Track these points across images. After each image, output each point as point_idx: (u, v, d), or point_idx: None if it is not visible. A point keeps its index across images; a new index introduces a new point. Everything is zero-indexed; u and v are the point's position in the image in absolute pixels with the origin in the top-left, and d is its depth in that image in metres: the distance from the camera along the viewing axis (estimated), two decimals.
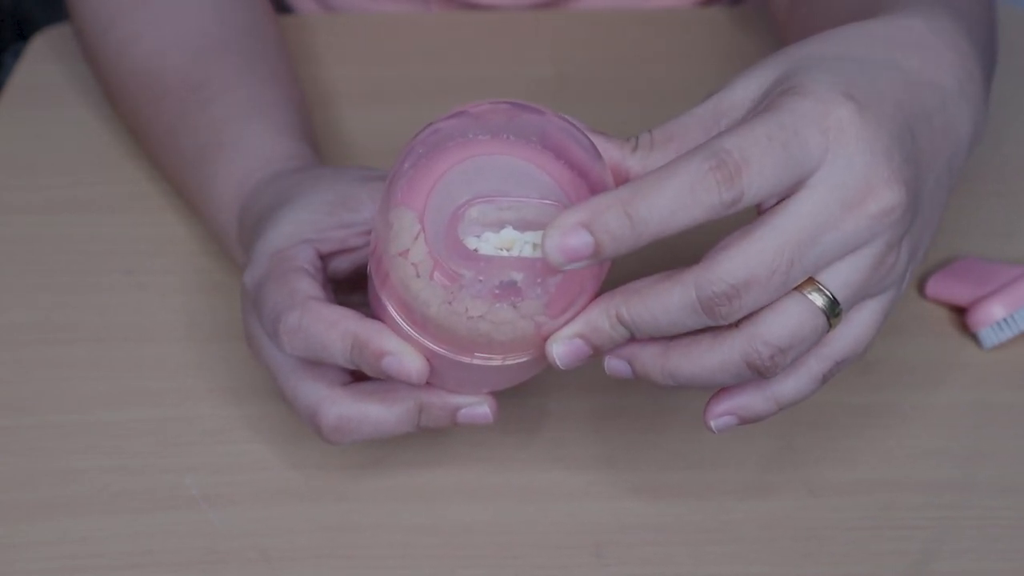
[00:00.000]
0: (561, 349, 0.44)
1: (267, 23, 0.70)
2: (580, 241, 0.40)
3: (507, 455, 0.55)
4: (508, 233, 0.44)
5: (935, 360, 0.59)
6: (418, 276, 0.43)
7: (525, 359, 0.46)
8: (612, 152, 0.45)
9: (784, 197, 0.42)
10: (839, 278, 0.43)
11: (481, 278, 0.43)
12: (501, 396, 0.49)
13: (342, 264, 0.52)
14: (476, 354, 0.45)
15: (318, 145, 0.65)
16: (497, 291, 0.43)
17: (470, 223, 0.44)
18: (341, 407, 0.48)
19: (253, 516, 0.53)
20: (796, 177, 0.41)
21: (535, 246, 0.44)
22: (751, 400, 0.46)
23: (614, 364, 0.46)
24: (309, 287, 0.48)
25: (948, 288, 0.61)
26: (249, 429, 0.56)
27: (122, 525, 0.53)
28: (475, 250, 0.43)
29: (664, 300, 0.42)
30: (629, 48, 0.78)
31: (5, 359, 0.60)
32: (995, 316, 0.59)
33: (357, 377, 0.50)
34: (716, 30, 0.80)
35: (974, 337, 0.60)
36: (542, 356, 0.45)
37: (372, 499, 0.54)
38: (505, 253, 0.44)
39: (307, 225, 0.51)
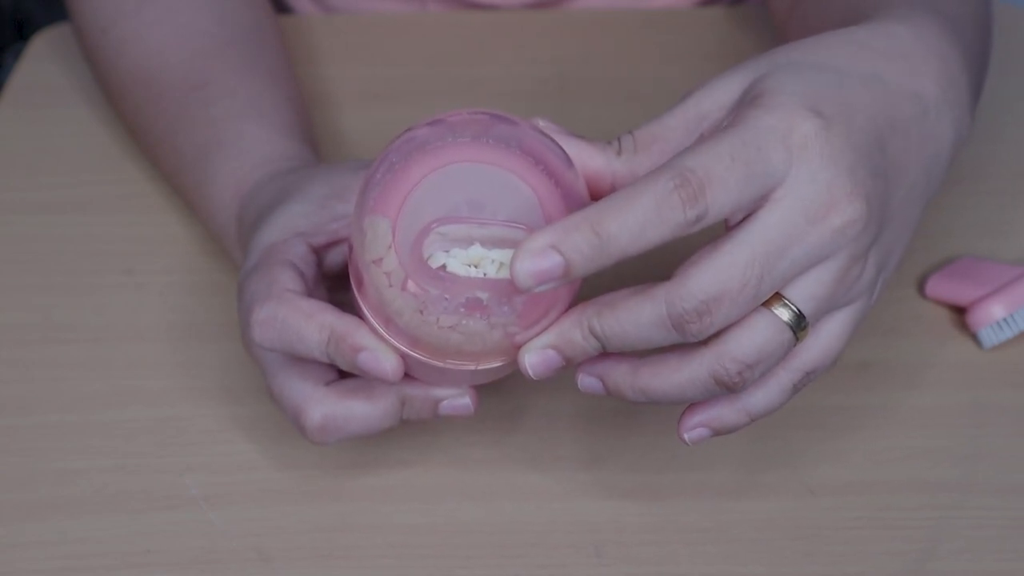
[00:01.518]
0: (533, 359, 0.45)
1: (267, 23, 0.70)
2: (550, 263, 0.41)
3: (504, 455, 0.55)
4: (476, 250, 0.44)
5: (934, 360, 0.59)
6: (390, 285, 0.44)
7: (499, 364, 0.46)
8: (596, 157, 0.46)
9: (750, 211, 0.42)
10: (804, 292, 0.43)
11: (447, 296, 0.43)
12: (499, 396, 0.49)
13: (337, 257, 0.52)
14: (449, 360, 0.45)
15: (317, 145, 0.65)
16: (463, 309, 0.43)
17: (438, 238, 0.44)
18: (326, 406, 0.48)
19: (252, 516, 0.53)
20: (760, 191, 0.42)
21: (502, 264, 0.44)
22: (723, 412, 0.46)
23: (587, 382, 0.46)
24: (289, 280, 0.48)
25: (948, 288, 0.61)
26: (248, 429, 0.56)
27: (121, 525, 0.53)
28: (442, 265, 0.44)
29: (635, 315, 0.42)
30: (629, 48, 0.78)
31: (5, 359, 0.60)
32: (995, 316, 0.59)
33: (342, 376, 0.50)
34: (716, 30, 0.80)
35: (974, 337, 0.60)
36: (516, 361, 0.45)
37: (370, 499, 0.54)
38: (473, 270, 0.44)
39: (300, 218, 0.52)
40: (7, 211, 0.67)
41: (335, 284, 0.52)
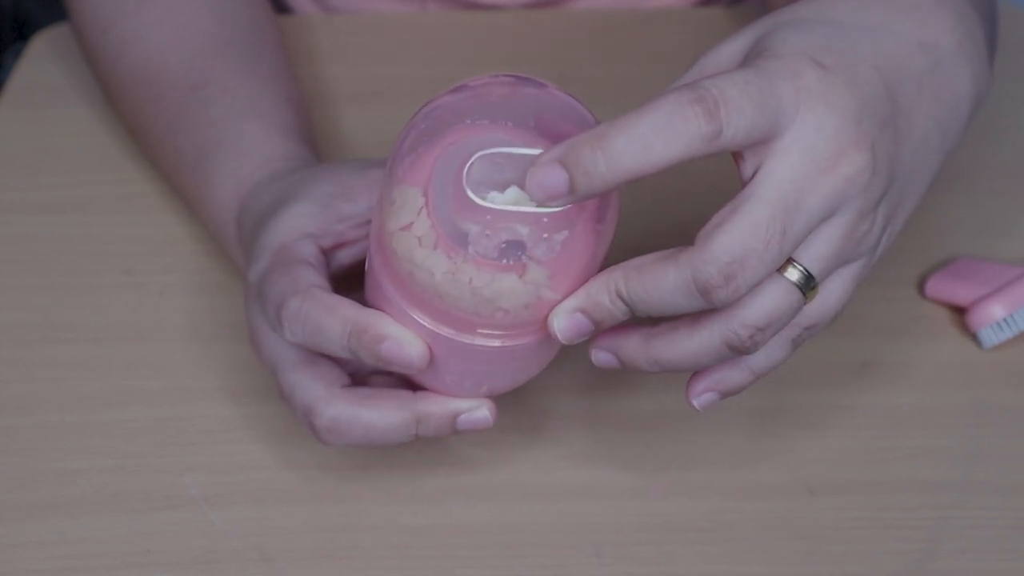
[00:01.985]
0: (563, 323, 0.44)
1: (267, 23, 0.70)
2: (555, 178, 0.40)
3: (506, 455, 0.55)
4: (512, 192, 0.44)
5: (934, 360, 0.59)
6: (421, 246, 0.43)
7: (526, 340, 0.45)
8: None
9: (760, 156, 0.42)
10: (813, 252, 0.43)
11: (488, 232, 0.43)
12: (501, 397, 0.49)
13: (344, 259, 0.52)
14: (478, 330, 0.45)
15: (317, 145, 0.65)
16: (503, 245, 0.43)
17: (475, 184, 0.43)
18: (335, 408, 0.48)
19: (253, 516, 0.53)
20: (771, 125, 0.41)
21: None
22: (728, 374, 0.46)
23: (601, 356, 0.46)
24: (313, 277, 0.49)
25: (948, 288, 0.61)
26: (249, 429, 0.56)
27: (121, 525, 0.53)
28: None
29: (659, 279, 0.42)
30: (629, 48, 0.78)
31: (5, 359, 0.60)
32: (995, 316, 0.59)
33: (357, 382, 0.50)
34: (715, 30, 0.80)
35: (974, 337, 0.60)
36: (542, 341, 0.45)
37: (371, 499, 0.54)
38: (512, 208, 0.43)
39: (306, 218, 0.52)
40: (7, 211, 0.67)
41: (340, 288, 0.52)
